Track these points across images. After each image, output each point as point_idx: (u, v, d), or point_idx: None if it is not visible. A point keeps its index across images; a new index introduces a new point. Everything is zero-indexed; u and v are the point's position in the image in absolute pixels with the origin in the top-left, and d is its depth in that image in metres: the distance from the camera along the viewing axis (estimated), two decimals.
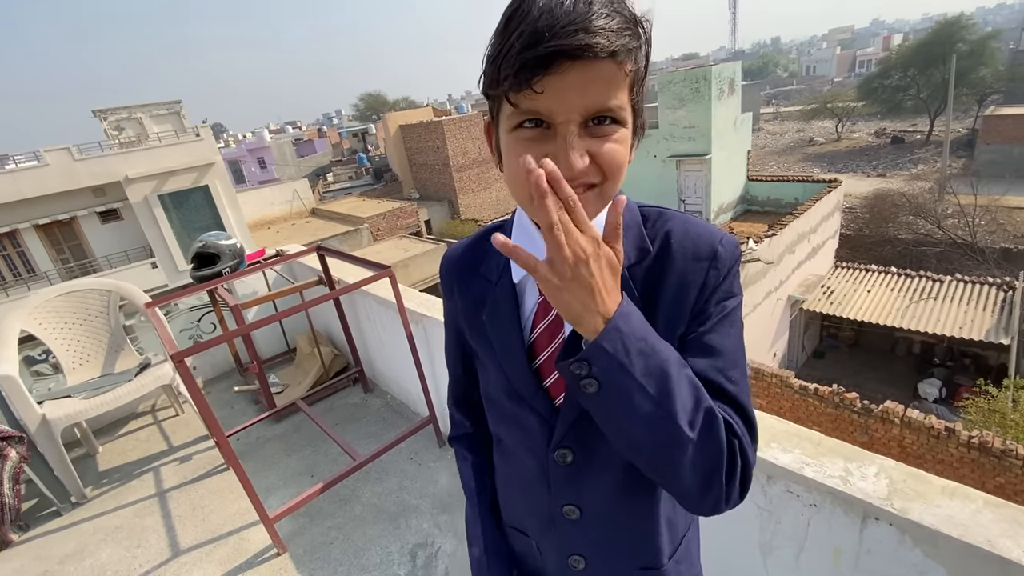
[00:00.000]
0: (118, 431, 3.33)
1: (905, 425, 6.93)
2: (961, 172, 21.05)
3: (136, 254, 15.50)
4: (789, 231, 9.57)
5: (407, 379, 2.92)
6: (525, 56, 0.49)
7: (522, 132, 0.54)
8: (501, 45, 0.51)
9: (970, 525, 0.91)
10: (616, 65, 0.51)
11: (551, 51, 0.48)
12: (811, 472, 1.07)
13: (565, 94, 0.50)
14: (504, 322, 0.69)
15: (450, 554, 2.01)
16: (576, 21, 0.48)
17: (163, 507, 2.57)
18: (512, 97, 0.52)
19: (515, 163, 0.55)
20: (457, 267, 0.76)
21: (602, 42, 0.48)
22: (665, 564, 0.74)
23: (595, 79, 0.50)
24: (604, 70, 0.50)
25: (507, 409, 0.73)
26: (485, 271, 0.72)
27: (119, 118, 17.59)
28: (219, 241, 3.14)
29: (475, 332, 0.74)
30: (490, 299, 0.70)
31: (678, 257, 0.63)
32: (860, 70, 53.48)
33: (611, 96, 0.52)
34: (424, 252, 14.44)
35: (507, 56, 0.50)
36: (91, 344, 3.03)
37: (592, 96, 0.51)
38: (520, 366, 0.68)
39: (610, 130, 0.54)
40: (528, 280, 0.68)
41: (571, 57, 0.48)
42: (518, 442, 0.74)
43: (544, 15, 0.48)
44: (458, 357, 0.84)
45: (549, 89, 0.50)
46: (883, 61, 34.36)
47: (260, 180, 33.74)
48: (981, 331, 9.17)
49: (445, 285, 0.79)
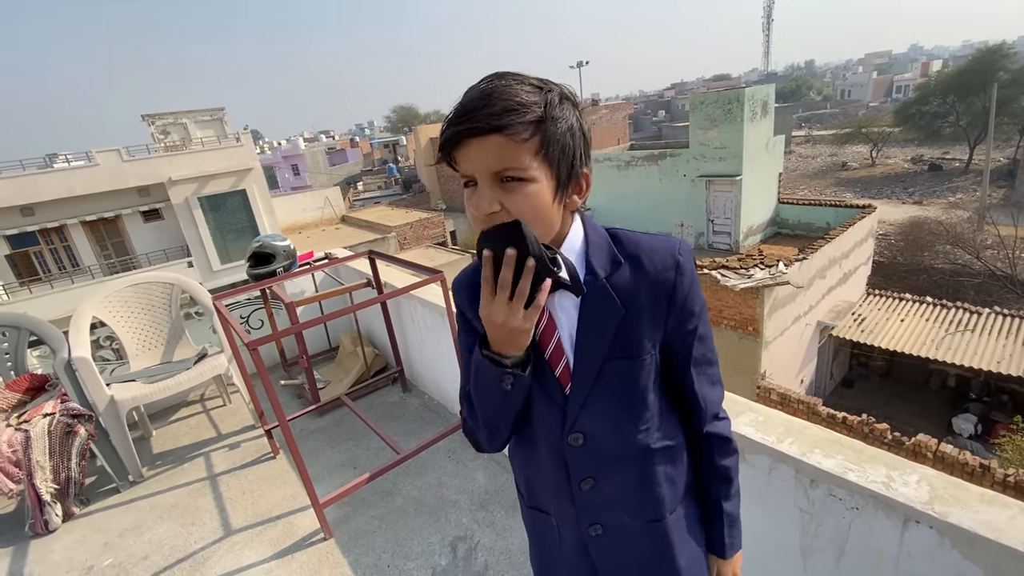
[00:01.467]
0: (170, 417, 3.52)
1: (938, 460, 6.75)
2: (1001, 202, 20.46)
3: (174, 253, 16.13)
4: (820, 256, 9.47)
5: (446, 380, 3.04)
6: (446, 134, 0.70)
7: (466, 187, 0.74)
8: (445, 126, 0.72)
9: (1006, 529, 0.97)
10: (504, 138, 0.67)
11: (455, 133, 0.68)
12: (854, 476, 1.15)
13: (470, 159, 0.70)
14: None
15: (489, 548, 2.10)
16: (472, 111, 0.67)
17: (214, 490, 2.73)
18: (452, 163, 0.73)
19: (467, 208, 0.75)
20: (468, 288, 0.91)
21: (482, 125, 0.66)
22: (667, 516, 0.89)
23: (488, 148, 0.68)
24: (495, 142, 0.67)
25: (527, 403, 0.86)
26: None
27: (166, 123, 18.45)
28: (275, 242, 3.33)
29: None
30: None
31: (649, 268, 0.80)
32: (897, 95, 52.55)
33: (506, 160, 0.68)
34: (449, 262, 14.69)
35: (442, 136, 0.72)
36: (154, 333, 3.23)
37: (488, 160, 0.69)
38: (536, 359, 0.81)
39: (514, 186, 0.70)
40: None
41: (468, 135, 0.68)
42: (536, 428, 0.87)
43: (460, 108, 0.69)
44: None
45: (460, 157, 0.71)
46: (921, 87, 33.78)
47: (293, 186, 34.75)
48: (1020, 367, 8.88)
49: (459, 304, 0.93)
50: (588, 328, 0.80)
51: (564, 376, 0.82)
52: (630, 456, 0.86)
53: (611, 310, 0.79)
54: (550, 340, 0.82)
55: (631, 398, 0.84)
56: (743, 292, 8.58)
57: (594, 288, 0.80)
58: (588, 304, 0.80)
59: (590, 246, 0.82)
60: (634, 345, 0.81)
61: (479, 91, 0.69)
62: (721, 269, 9.07)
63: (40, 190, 13.63)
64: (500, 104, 0.67)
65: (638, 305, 0.79)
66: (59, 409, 2.59)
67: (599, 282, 0.80)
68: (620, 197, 14.20)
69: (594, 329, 0.80)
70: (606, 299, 0.79)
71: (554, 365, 0.82)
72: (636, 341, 0.81)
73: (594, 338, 0.80)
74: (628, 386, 0.83)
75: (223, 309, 2.43)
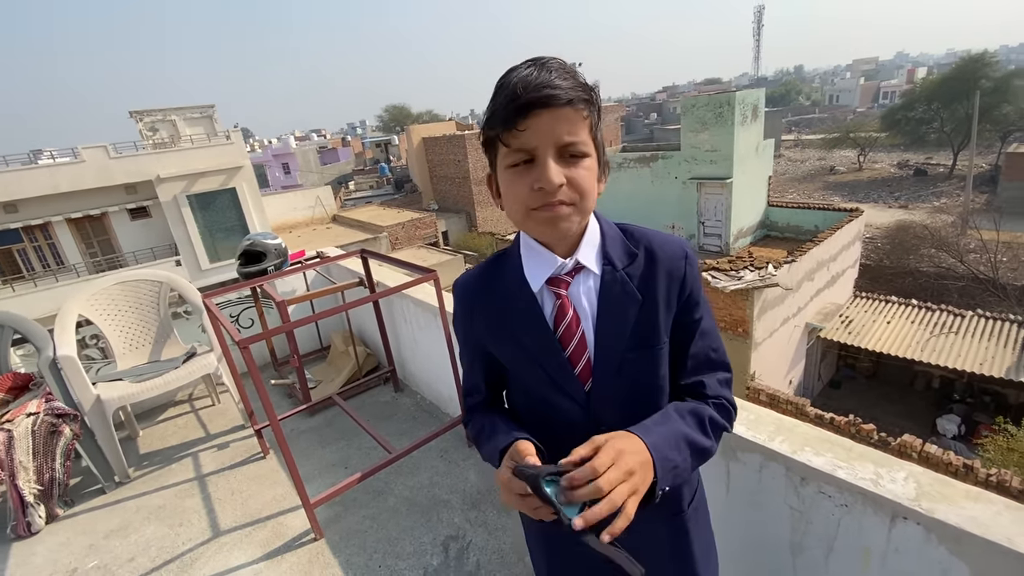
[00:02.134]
0: (157, 417, 3.48)
1: (923, 460, 6.85)
2: (984, 207, 20.83)
3: (162, 251, 15.93)
4: (808, 258, 9.58)
5: (439, 380, 3.03)
6: (511, 107, 0.69)
7: (515, 168, 0.73)
8: (493, 108, 0.73)
9: (991, 525, 0.99)
10: (574, 111, 0.70)
11: (528, 101, 0.68)
12: (843, 474, 1.16)
13: (540, 131, 0.70)
14: (536, 326, 0.84)
15: (481, 548, 2.10)
16: (543, 82, 0.68)
17: (203, 490, 2.70)
18: (504, 138, 0.72)
19: (512, 191, 0.75)
20: (475, 290, 0.92)
21: (560, 94, 0.68)
22: (686, 511, 0.92)
23: (560, 119, 0.70)
24: (565, 113, 0.70)
25: (546, 401, 0.87)
26: (502, 289, 0.87)
27: (154, 119, 18.23)
28: (266, 240, 3.31)
29: (502, 342, 0.89)
30: (515, 310, 0.85)
31: (662, 258, 0.83)
32: (884, 101, 53.32)
33: (573, 133, 0.71)
34: (441, 262, 14.67)
35: (499, 111, 0.71)
36: (141, 331, 3.19)
37: (559, 132, 0.70)
38: (558, 359, 0.83)
39: (576, 160, 0.72)
40: (544, 289, 0.84)
41: (541, 105, 0.68)
42: (557, 428, 0.87)
43: (520, 81, 0.69)
44: (481, 368, 0.96)
45: (529, 128, 0.69)
46: (907, 94, 34.38)
47: (284, 185, 34.48)
48: (1002, 368, 9.05)
49: (463, 307, 0.94)
50: (608, 319, 0.82)
51: (584, 372, 0.83)
52: None
53: (629, 300, 0.81)
54: (574, 335, 0.82)
55: (650, 387, 0.86)
56: (733, 294, 8.65)
57: (613, 279, 0.82)
58: (607, 295, 0.82)
59: (606, 238, 0.84)
60: (651, 334, 0.83)
61: (543, 66, 0.70)
62: (711, 271, 9.15)
63: (24, 187, 13.40)
64: (571, 80, 0.70)
65: (654, 295, 0.82)
66: (43, 408, 2.54)
67: (618, 273, 0.82)
68: (612, 198, 14.27)
69: (614, 320, 0.81)
70: (625, 289, 0.81)
71: (575, 361, 0.83)
72: (653, 330, 0.83)
73: (615, 329, 0.82)
74: (648, 375, 0.85)
75: (213, 307, 2.41)
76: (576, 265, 0.82)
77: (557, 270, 0.82)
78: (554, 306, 0.83)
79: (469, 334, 0.95)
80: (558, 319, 0.83)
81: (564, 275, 0.82)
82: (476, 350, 0.95)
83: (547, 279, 0.83)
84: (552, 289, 0.83)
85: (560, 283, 0.83)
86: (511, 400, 0.99)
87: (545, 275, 0.82)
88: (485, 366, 0.96)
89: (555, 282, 0.83)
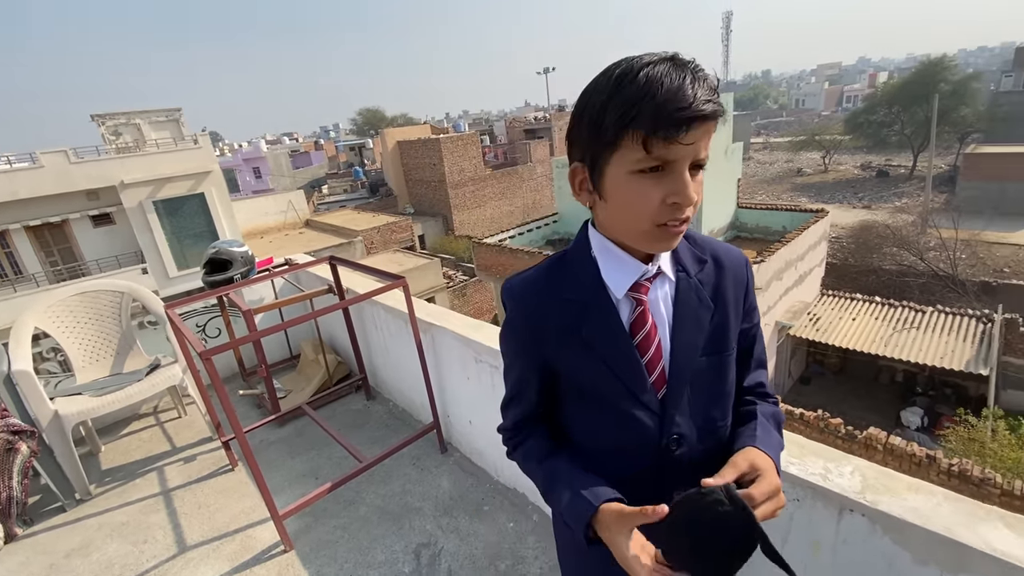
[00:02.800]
0: (121, 431, 3.37)
1: (888, 452, 7.09)
2: (943, 207, 21.68)
3: (127, 259, 15.43)
4: (777, 258, 9.83)
5: (411, 387, 3.02)
6: (679, 115, 0.62)
7: (646, 175, 0.67)
8: (634, 104, 0.64)
9: (932, 515, 1.04)
10: (715, 124, 0.67)
11: (697, 114, 0.63)
12: (795, 470, 1.20)
13: (693, 144, 0.66)
14: (615, 332, 0.80)
15: (453, 554, 2.09)
16: (707, 96, 0.64)
17: (168, 505, 2.63)
18: (651, 144, 0.65)
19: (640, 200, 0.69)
20: (537, 293, 0.84)
21: (720, 109, 0.65)
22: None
23: (705, 134, 0.67)
24: (711, 129, 0.67)
25: (617, 412, 0.82)
26: (573, 294, 0.82)
27: (117, 123, 17.65)
28: (232, 248, 3.25)
29: (568, 349, 0.82)
30: (591, 316, 0.81)
31: (728, 265, 0.84)
32: (847, 105, 55.13)
33: (707, 148, 0.69)
34: (417, 266, 14.56)
35: (657, 114, 0.63)
36: (102, 344, 3.10)
37: (702, 148, 0.68)
38: (636, 367, 0.80)
39: (697, 173, 0.70)
40: (625, 297, 0.80)
41: (703, 118, 0.64)
42: (627, 441, 0.83)
43: (681, 89, 0.63)
44: (539, 379, 0.88)
45: (690, 139, 0.65)
46: (869, 97, 35.60)
47: (255, 190, 33.79)
48: (961, 362, 9.43)
49: (523, 312, 0.85)
50: (685, 326, 0.81)
51: (659, 380, 0.81)
52: (718, 457, 0.82)
53: (703, 308, 0.81)
54: (652, 343, 0.80)
55: (720, 394, 0.86)
56: None
57: (688, 286, 0.81)
58: (683, 302, 0.81)
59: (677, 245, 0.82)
60: (723, 341, 0.83)
61: (698, 74, 0.65)
62: None
63: None
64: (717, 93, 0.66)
65: (725, 302, 0.83)
66: None
67: (692, 280, 0.82)
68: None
69: (690, 327, 0.81)
70: (699, 296, 0.81)
71: (651, 370, 0.81)
72: (724, 337, 0.83)
73: (691, 337, 0.81)
74: (719, 382, 0.85)
75: (175, 318, 2.36)
76: (657, 271, 0.80)
77: (641, 276, 0.79)
78: (632, 312, 0.80)
79: (527, 343, 0.87)
80: (636, 326, 0.80)
81: (644, 281, 0.80)
82: (533, 362, 0.87)
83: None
84: (632, 295, 0.80)
85: (640, 288, 0.80)
86: (567, 415, 0.91)
87: (630, 281, 0.79)
88: (540, 380, 0.88)
89: (634, 288, 0.80)
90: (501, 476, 2.47)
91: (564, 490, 0.82)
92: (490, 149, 31.86)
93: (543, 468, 0.88)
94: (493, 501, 2.36)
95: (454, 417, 2.70)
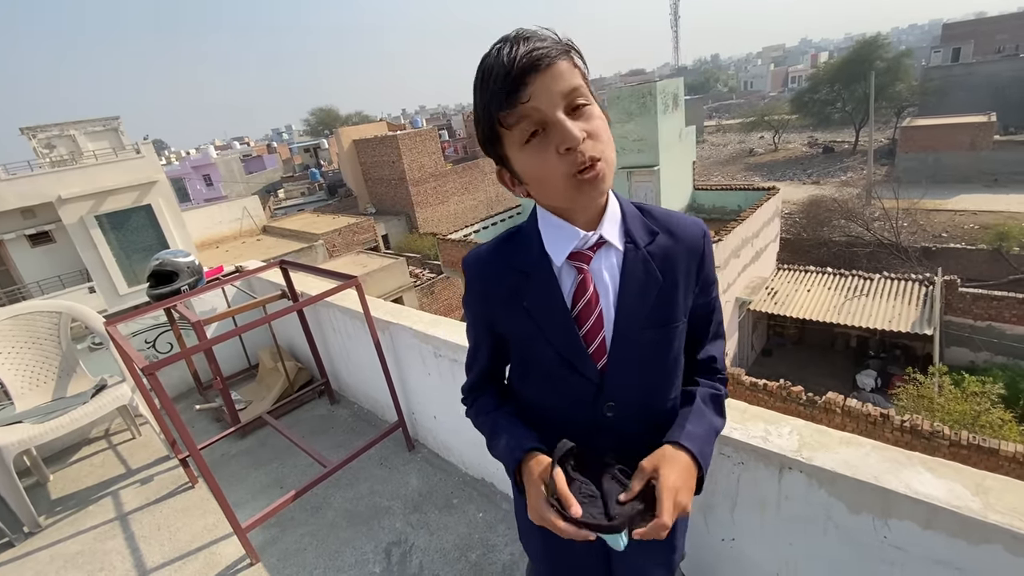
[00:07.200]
0: (69, 458, 3.21)
1: (846, 414, 7.44)
2: (884, 178, 22.79)
3: (71, 278, 14.65)
4: (734, 236, 10.14)
5: (374, 387, 2.98)
6: (506, 83, 0.67)
7: (531, 143, 0.71)
8: (485, 97, 0.70)
9: (860, 466, 1.10)
10: (565, 63, 0.69)
11: (520, 70, 0.67)
12: (738, 435, 1.25)
13: (542, 94, 0.68)
14: (553, 302, 0.82)
15: (423, 549, 2.09)
16: (527, 49, 0.67)
17: (125, 530, 2.52)
18: (507, 118, 0.69)
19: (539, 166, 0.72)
20: (487, 264, 0.89)
21: (547, 50, 0.68)
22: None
23: (557, 76, 0.68)
24: (558, 69, 0.68)
25: (555, 378, 0.87)
26: (519, 264, 0.85)
27: (50, 135, 16.68)
28: (176, 259, 3.12)
29: (513, 317, 0.87)
30: (532, 285, 0.84)
31: (682, 237, 0.84)
32: (792, 85, 57.03)
33: (574, 82, 0.70)
34: (383, 267, 14.34)
35: (494, 96, 0.69)
36: (42, 367, 2.93)
37: (562, 86, 0.69)
38: (572, 338, 0.82)
39: (585, 111, 0.71)
40: (565, 264, 0.82)
41: (533, 70, 0.67)
42: (565, 405, 0.88)
43: (505, 59, 0.67)
44: (490, 343, 0.96)
45: (532, 97, 0.67)
46: (812, 77, 36.97)
47: (206, 198, 32.55)
48: (908, 323, 9.97)
49: (474, 282, 0.91)
50: (629, 298, 0.81)
51: (599, 350, 0.83)
52: (658, 423, 0.88)
53: (651, 280, 0.81)
54: (592, 312, 0.81)
55: (664, 366, 0.87)
56: None
57: (635, 257, 0.81)
58: (629, 273, 0.81)
59: (626, 215, 0.83)
60: (670, 314, 0.83)
61: (517, 39, 0.69)
62: None
63: None
64: (549, 38, 0.70)
65: (674, 275, 0.83)
66: None
67: (640, 252, 0.81)
68: None
69: (635, 299, 0.81)
70: (647, 268, 0.81)
71: (590, 339, 0.82)
72: (672, 309, 0.84)
73: (635, 308, 0.81)
74: (663, 354, 0.86)
75: (116, 334, 2.25)
76: (599, 240, 0.80)
77: (580, 243, 0.80)
78: (574, 282, 0.82)
79: (478, 310, 0.93)
80: (577, 295, 0.81)
81: (587, 250, 0.81)
82: (485, 327, 0.94)
83: (569, 253, 0.81)
84: (574, 263, 0.81)
85: (582, 258, 0.81)
86: (513, 379, 0.99)
87: (568, 248, 0.80)
88: (492, 344, 0.95)
89: (577, 256, 0.81)
90: (469, 468, 2.47)
91: (501, 437, 0.91)
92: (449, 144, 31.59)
93: (489, 419, 0.96)
94: (462, 493, 2.36)
95: (419, 414, 2.68)
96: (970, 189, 21.53)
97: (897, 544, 1.06)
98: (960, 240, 16.37)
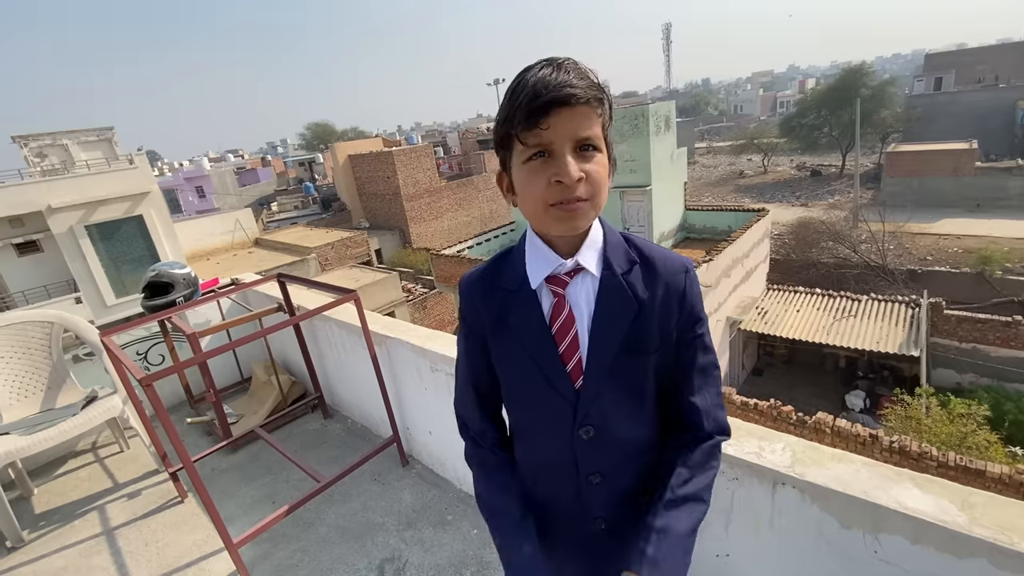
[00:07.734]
0: (55, 471, 3.16)
1: (835, 434, 7.48)
2: (871, 202, 23.25)
3: (58, 289, 14.45)
4: (724, 256, 10.27)
5: (369, 402, 2.98)
6: (532, 106, 0.71)
7: (532, 162, 0.75)
8: (510, 107, 0.74)
9: (851, 482, 1.13)
10: (590, 108, 0.73)
11: (548, 100, 0.70)
12: (732, 450, 1.28)
13: (560, 128, 0.72)
14: (533, 320, 0.86)
15: (418, 566, 2.08)
16: (563, 82, 0.71)
17: (112, 545, 2.48)
18: (523, 137, 0.74)
19: (530, 186, 0.76)
20: (479, 286, 0.93)
21: (579, 93, 0.71)
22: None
23: (577, 117, 0.73)
24: (583, 111, 0.73)
25: (536, 396, 0.89)
26: (505, 284, 0.90)
27: (42, 144, 16.61)
28: (172, 270, 3.13)
29: (500, 335, 0.90)
30: (515, 305, 0.88)
31: (662, 270, 0.86)
32: (781, 110, 58.28)
33: (589, 129, 0.74)
34: (375, 281, 14.32)
35: (518, 110, 0.72)
36: (31, 378, 2.90)
37: (577, 128, 0.73)
38: (551, 355, 0.85)
39: (592, 155, 0.75)
40: (543, 286, 0.87)
41: (560, 103, 0.71)
42: (545, 425, 0.90)
43: (539, 82, 0.71)
44: (484, 367, 0.96)
45: (551, 126, 0.72)
46: (800, 102, 37.88)
47: (199, 210, 32.42)
48: (895, 345, 10.09)
49: (468, 303, 0.95)
50: (603, 322, 0.84)
51: (576, 371, 0.85)
52: (635, 451, 0.90)
53: (626, 306, 0.83)
54: (567, 333, 0.85)
55: (639, 393, 0.88)
56: None
57: (611, 283, 0.84)
58: (604, 299, 0.84)
59: (608, 244, 0.86)
60: (645, 342, 0.85)
61: (560, 67, 0.72)
62: None
63: None
64: (587, 80, 0.73)
65: (651, 304, 0.84)
66: None
67: (616, 279, 0.84)
68: None
69: (609, 323, 0.84)
70: (622, 295, 0.84)
71: (567, 360, 0.85)
72: (646, 338, 0.85)
73: (609, 332, 0.84)
74: (638, 381, 0.87)
75: (112, 345, 2.25)
76: (576, 266, 0.84)
77: (557, 269, 0.84)
78: (551, 304, 0.85)
79: (474, 331, 0.96)
80: (553, 316, 0.85)
81: (564, 275, 0.85)
82: (479, 347, 0.95)
83: (546, 277, 0.85)
84: (550, 287, 0.86)
85: (559, 282, 0.85)
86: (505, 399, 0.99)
87: (544, 272, 0.85)
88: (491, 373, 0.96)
89: (554, 281, 0.85)
90: (464, 484, 2.47)
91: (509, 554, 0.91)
92: (444, 160, 31.82)
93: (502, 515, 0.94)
94: (456, 510, 2.36)
95: (414, 429, 2.68)
96: (954, 213, 22.05)
97: (887, 559, 1.09)
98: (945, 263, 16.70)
